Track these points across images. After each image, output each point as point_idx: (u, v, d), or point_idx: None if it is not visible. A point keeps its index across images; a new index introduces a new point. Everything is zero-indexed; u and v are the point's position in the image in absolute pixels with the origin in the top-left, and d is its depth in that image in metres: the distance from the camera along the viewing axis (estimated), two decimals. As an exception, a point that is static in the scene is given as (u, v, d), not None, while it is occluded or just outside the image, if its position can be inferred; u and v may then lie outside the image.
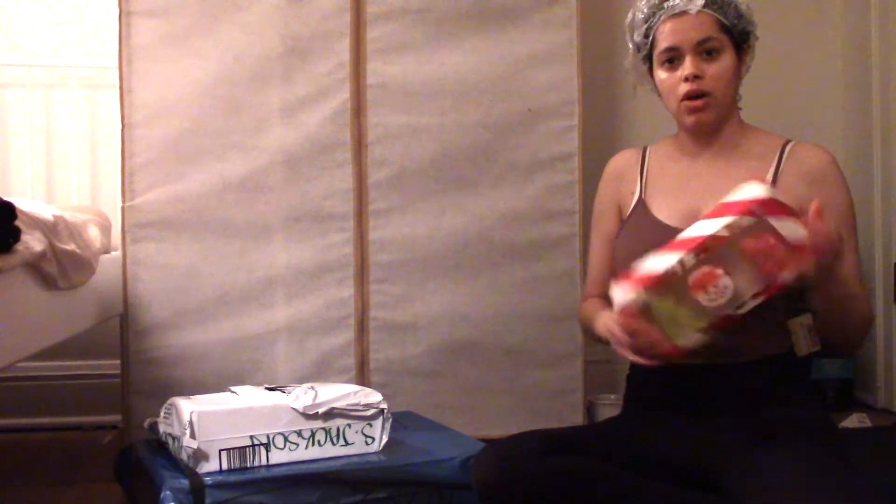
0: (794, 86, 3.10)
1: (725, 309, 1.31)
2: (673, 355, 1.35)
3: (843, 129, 3.11)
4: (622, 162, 1.71)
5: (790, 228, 1.28)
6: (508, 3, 2.49)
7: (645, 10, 1.57)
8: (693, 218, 1.55)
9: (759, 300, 1.31)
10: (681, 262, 1.30)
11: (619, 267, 1.60)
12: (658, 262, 1.33)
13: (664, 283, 1.31)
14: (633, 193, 1.65)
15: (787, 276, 1.29)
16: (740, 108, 1.62)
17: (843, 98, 3.13)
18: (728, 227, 1.29)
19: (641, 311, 1.34)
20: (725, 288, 1.31)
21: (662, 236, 1.53)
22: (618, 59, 2.96)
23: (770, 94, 2.95)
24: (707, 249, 1.30)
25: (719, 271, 1.30)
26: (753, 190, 1.31)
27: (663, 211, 1.58)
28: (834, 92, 3.13)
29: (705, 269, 1.30)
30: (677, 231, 1.53)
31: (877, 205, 2.91)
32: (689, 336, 1.33)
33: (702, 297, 1.31)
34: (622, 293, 1.35)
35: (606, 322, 1.43)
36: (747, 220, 1.28)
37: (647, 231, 1.58)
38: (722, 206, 1.33)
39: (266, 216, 2.40)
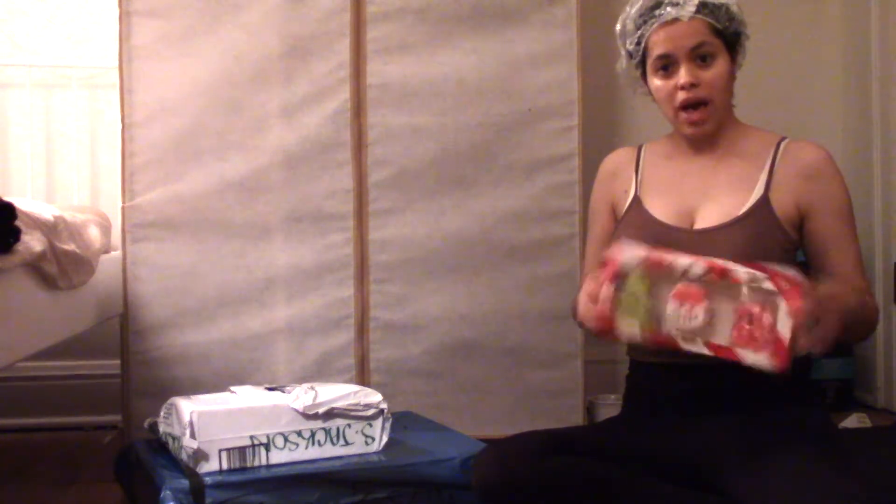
0: (794, 86, 3.10)
1: (677, 333, 1.31)
2: (604, 327, 1.34)
3: (843, 129, 3.11)
4: (617, 160, 1.71)
5: (787, 326, 1.23)
6: (508, 3, 2.49)
7: (636, 18, 1.57)
8: (688, 216, 1.55)
9: (704, 350, 1.30)
10: (689, 265, 1.30)
11: None
12: (674, 255, 1.32)
13: (659, 271, 1.31)
14: (627, 191, 1.65)
15: (747, 356, 1.26)
16: (734, 105, 1.62)
17: (843, 98, 3.13)
18: (751, 277, 1.25)
19: (620, 273, 1.33)
20: (695, 317, 1.30)
21: (658, 233, 1.54)
22: (618, 60, 2.97)
23: (769, 94, 2.95)
24: (719, 276, 1.28)
25: (705, 302, 1.29)
26: (795, 281, 1.25)
27: (658, 208, 1.58)
28: (834, 92, 3.13)
29: (697, 288, 1.29)
30: (673, 228, 1.54)
31: (877, 205, 2.91)
32: (630, 325, 1.33)
33: (671, 306, 1.31)
34: (621, 249, 1.34)
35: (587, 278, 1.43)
36: (767, 287, 1.24)
37: (642, 228, 1.57)
38: (760, 265, 1.28)
39: (266, 216, 2.40)
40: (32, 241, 1.71)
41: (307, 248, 2.41)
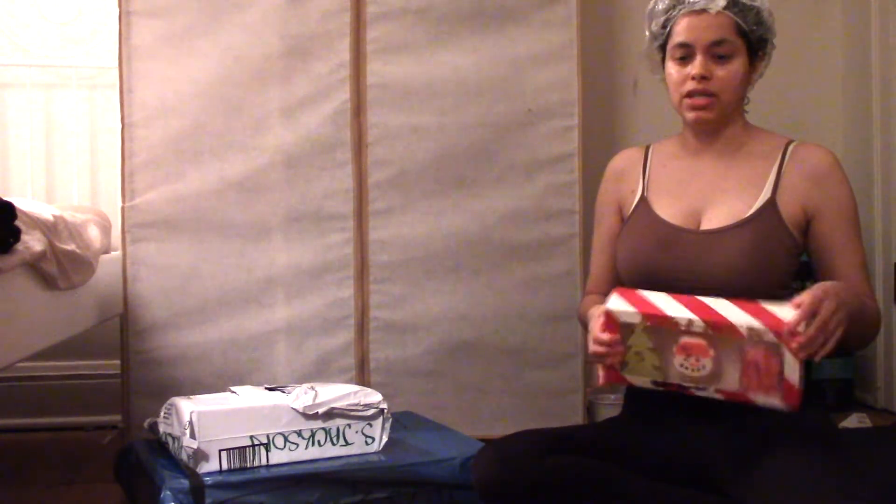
0: (794, 86, 3.09)
1: (687, 381, 1.35)
2: (613, 380, 1.40)
3: (843, 129, 3.11)
4: (624, 161, 1.71)
5: (794, 369, 1.27)
6: (508, 3, 2.49)
7: (666, 0, 1.57)
8: (695, 216, 1.55)
9: (715, 396, 1.35)
10: (689, 322, 1.32)
11: (621, 264, 1.60)
12: (670, 307, 1.35)
13: (662, 326, 1.34)
14: (634, 192, 1.65)
15: (759, 399, 1.31)
16: (746, 111, 1.62)
17: (843, 98, 3.13)
18: (751, 329, 1.29)
19: (622, 328, 1.37)
20: (703, 368, 1.34)
21: (665, 234, 1.54)
22: (618, 59, 2.98)
23: (770, 94, 2.93)
24: (719, 332, 1.31)
25: (711, 352, 1.33)
26: (786, 319, 1.28)
27: (665, 209, 1.58)
28: (834, 92, 3.13)
29: (702, 342, 1.33)
30: (679, 229, 1.54)
31: (877, 205, 2.91)
32: (640, 377, 1.39)
33: (678, 359, 1.35)
34: (621, 304, 1.38)
35: (593, 319, 1.44)
36: (770, 337, 1.28)
37: (649, 228, 1.58)
38: (758, 307, 1.32)
39: (266, 216, 2.40)
40: (32, 241, 1.71)
41: (307, 248, 2.41)
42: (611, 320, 1.37)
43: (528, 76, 2.50)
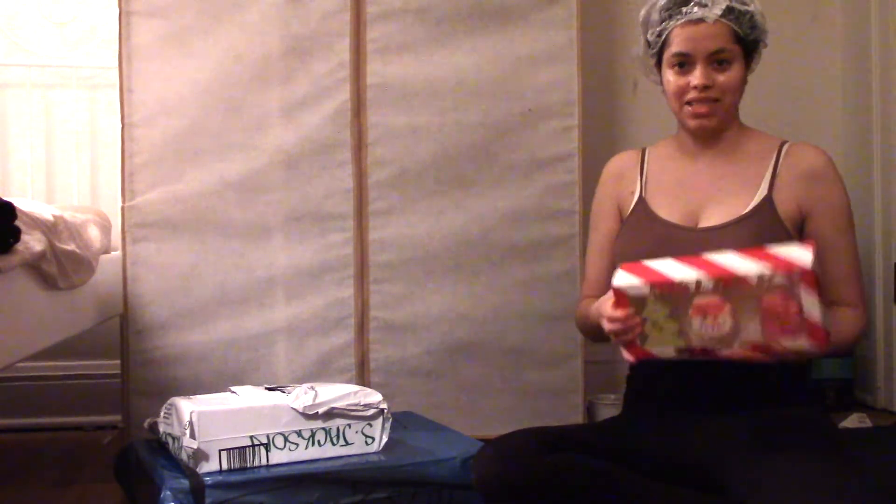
0: (794, 86, 3.09)
1: (711, 343, 1.31)
2: (638, 356, 1.37)
3: (843, 129, 3.11)
4: (621, 162, 1.71)
5: (814, 305, 1.24)
6: (508, 3, 2.49)
7: (662, 11, 1.56)
8: (693, 215, 1.55)
9: (745, 354, 1.30)
10: (698, 282, 1.30)
11: (620, 264, 1.60)
12: (676, 270, 1.33)
13: (672, 292, 1.31)
14: (633, 193, 1.65)
15: (787, 345, 1.26)
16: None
17: (842, 98, 3.13)
18: (760, 276, 1.26)
19: (633, 302, 1.34)
20: (723, 325, 1.30)
21: (663, 232, 1.55)
22: (618, 59, 2.97)
23: (770, 94, 2.95)
24: (729, 285, 1.28)
25: (727, 307, 1.29)
26: (802, 255, 1.26)
27: (664, 209, 1.59)
28: (834, 92, 3.13)
29: (715, 299, 1.29)
30: (678, 227, 1.54)
31: (877, 205, 2.91)
32: (664, 348, 1.35)
33: (696, 322, 1.31)
34: (627, 279, 1.35)
35: (602, 303, 1.43)
36: (780, 279, 1.25)
37: (648, 228, 1.58)
38: (763, 252, 1.29)
39: (266, 216, 2.40)
40: (32, 241, 1.71)
41: (307, 248, 2.41)
42: (620, 297, 1.35)
43: (528, 76, 2.50)
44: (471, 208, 2.48)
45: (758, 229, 1.49)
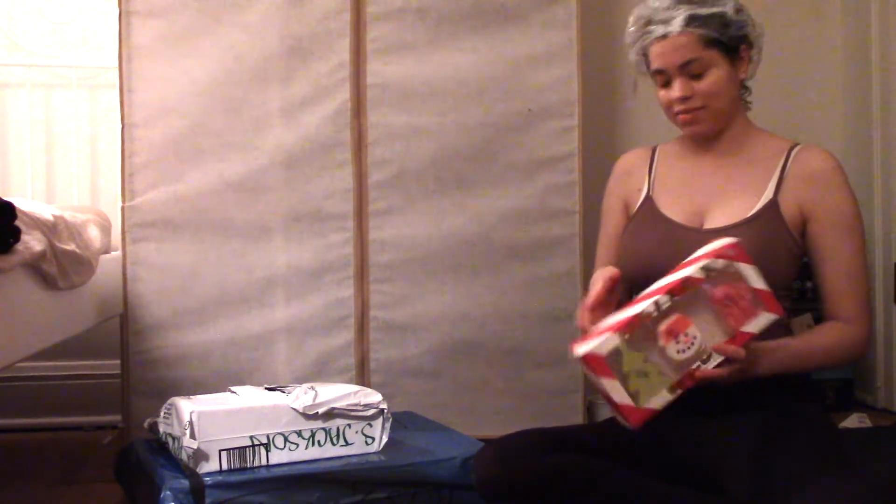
0: (794, 86, 3.09)
1: (692, 363, 1.32)
2: (639, 419, 1.31)
3: (843, 129, 3.11)
4: (631, 159, 1.72)
5: (754, 276, 1.33)
6: (508, 3, 2.48)
7: (632, 33, 1.57)
8: (699, 216, 1.56)
9: (725, 353, 1.33)
10: (656, 303, 1.31)
11: (624, 261, 1.60)
12: (629, 310, 1.33)
13: (637, 329, 1.30)
14: (640, 190, 1.66)
15: (752, 327, 1.33)
16: (749, 104, 1.61)
17: (843, 98, 3.12)
18: (704, 268, 1.32)
19: (611, 362, 1.29)
20: (694, 338, 1.32)
21: (668, 232, 1.55)
22: (618, 59, 2.97)
23: (770, 94, 2.93)
24: (682, 290, 1.31)
25: (689, 321, 1.32)
26: (722, 241, 1.36)
27: (669, 208, 1.59)
28: (834, 92, 3.13)
29: (677, 315, 1.32)
30: (683, 227, 1.55)
31: (877, 205, 2.91)
32: (657, 397, 1.31)
33: (671, 348, 1.32)
34: (591, 343, 1.30)
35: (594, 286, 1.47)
36: (721, 263, 1.32)
37: (653, 226, 1.59)
38: (694, 258, 1.35)
39: (266, 216, 2.40)
40: (32, 241, 1.71)
41: (307, 248, 2.41)
42: (597, 363, 1.29)
43: (527, 76, 2.50)
44: (471, 208, 2.48)
45: (762, 233, 1.49)
